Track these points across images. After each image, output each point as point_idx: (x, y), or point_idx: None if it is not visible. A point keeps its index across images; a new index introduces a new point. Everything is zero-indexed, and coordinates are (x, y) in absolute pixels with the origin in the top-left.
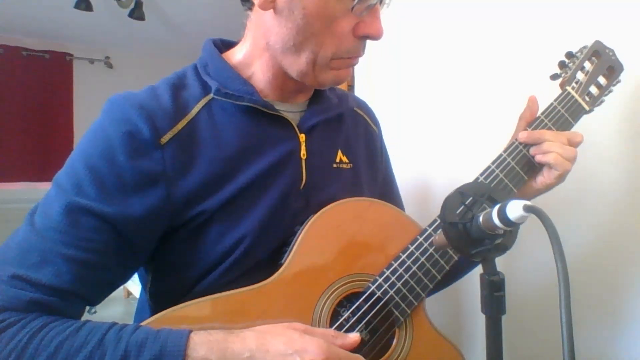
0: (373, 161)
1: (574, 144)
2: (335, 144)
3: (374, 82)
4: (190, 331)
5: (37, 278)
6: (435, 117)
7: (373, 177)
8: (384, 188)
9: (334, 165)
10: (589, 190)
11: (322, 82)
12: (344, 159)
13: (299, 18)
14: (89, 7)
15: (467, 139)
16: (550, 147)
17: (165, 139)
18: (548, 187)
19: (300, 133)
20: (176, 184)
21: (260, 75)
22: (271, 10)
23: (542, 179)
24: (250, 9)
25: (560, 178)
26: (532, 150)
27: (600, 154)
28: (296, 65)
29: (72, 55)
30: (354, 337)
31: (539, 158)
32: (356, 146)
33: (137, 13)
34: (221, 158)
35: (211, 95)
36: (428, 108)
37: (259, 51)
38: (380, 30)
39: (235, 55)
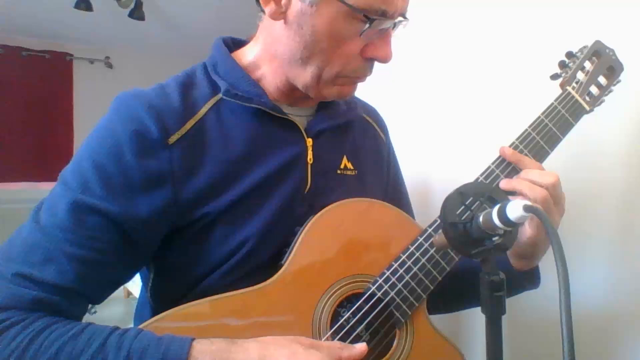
0: (379, 169)
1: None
2: (341, 150)
3: (373, 80)
4: (193, 339)
5: (40, 276)
6: (435, 116)
7: (379, 185)
8: (391, 196)
9: (338, 172)
10: (591, 191)
11: (326, 96)
12: (349, 165)
13: (308, 34)
14: (89, 7)
15: (467, 139)
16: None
17: (173, 138)
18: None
19: (308, 137)
20: (183, 185)
21: (269, 79)
22: (282, 21)
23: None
24: (264, 12)
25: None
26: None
27: (602, 153)
28: (301, 77)
29: (72, 55)
30: (361, 347)
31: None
32: (363, 153)
33: (137, 13)
34: (228, 160)
35: (220, 95)
36: (428, 108)
37: (269, 56)
38: (389, 54)
39: (246, 56)
